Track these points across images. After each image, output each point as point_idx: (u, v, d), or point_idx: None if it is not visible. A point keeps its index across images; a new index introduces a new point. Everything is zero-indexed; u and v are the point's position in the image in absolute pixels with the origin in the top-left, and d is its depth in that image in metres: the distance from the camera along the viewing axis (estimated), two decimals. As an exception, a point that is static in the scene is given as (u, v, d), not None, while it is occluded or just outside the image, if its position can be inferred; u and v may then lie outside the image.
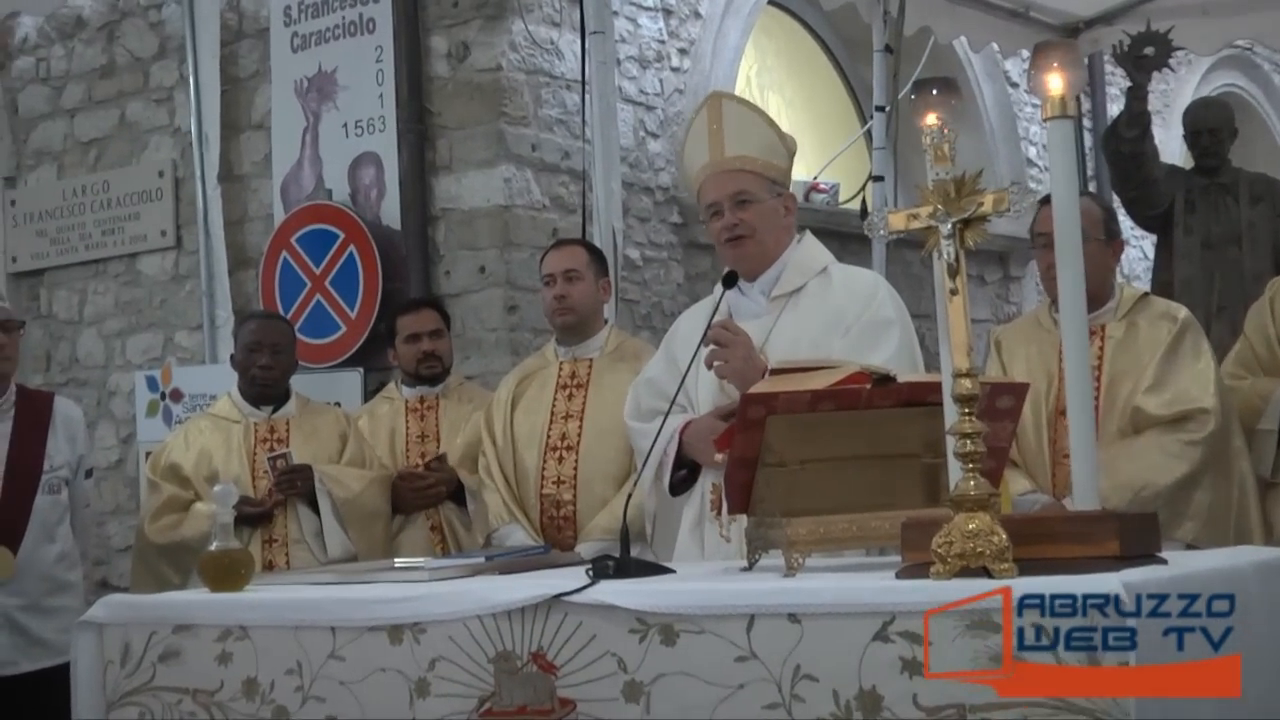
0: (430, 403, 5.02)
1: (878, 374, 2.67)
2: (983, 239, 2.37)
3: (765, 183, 3.46)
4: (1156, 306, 3.97)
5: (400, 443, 4.99)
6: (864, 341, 3.32)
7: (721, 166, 3.45)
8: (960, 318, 2.33)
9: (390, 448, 5.01)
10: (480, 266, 5.96)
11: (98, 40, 7.15)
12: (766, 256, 3.49)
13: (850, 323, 3.39)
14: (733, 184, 3.44)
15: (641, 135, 6.54)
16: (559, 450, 4.48)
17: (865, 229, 2.56)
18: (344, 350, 6.10)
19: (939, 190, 2.37)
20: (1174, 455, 3.74)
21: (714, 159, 3.46)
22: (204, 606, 2.88)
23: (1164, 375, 3.81)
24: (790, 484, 2.62)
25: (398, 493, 4.85)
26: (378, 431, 5.05)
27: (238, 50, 6.70)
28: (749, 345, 3.34)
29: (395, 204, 6.06)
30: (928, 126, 2.36)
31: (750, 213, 3.44)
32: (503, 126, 5.94)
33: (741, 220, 3.44)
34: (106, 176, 7.06)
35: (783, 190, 3.51)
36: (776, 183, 3.49)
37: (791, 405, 2.61)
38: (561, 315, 4.57)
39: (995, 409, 2.62)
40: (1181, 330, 3.87)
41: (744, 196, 3.44)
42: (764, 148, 3.46)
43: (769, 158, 3.46)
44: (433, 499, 4.87)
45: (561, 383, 4.58)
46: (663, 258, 6.58)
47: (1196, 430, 3.76)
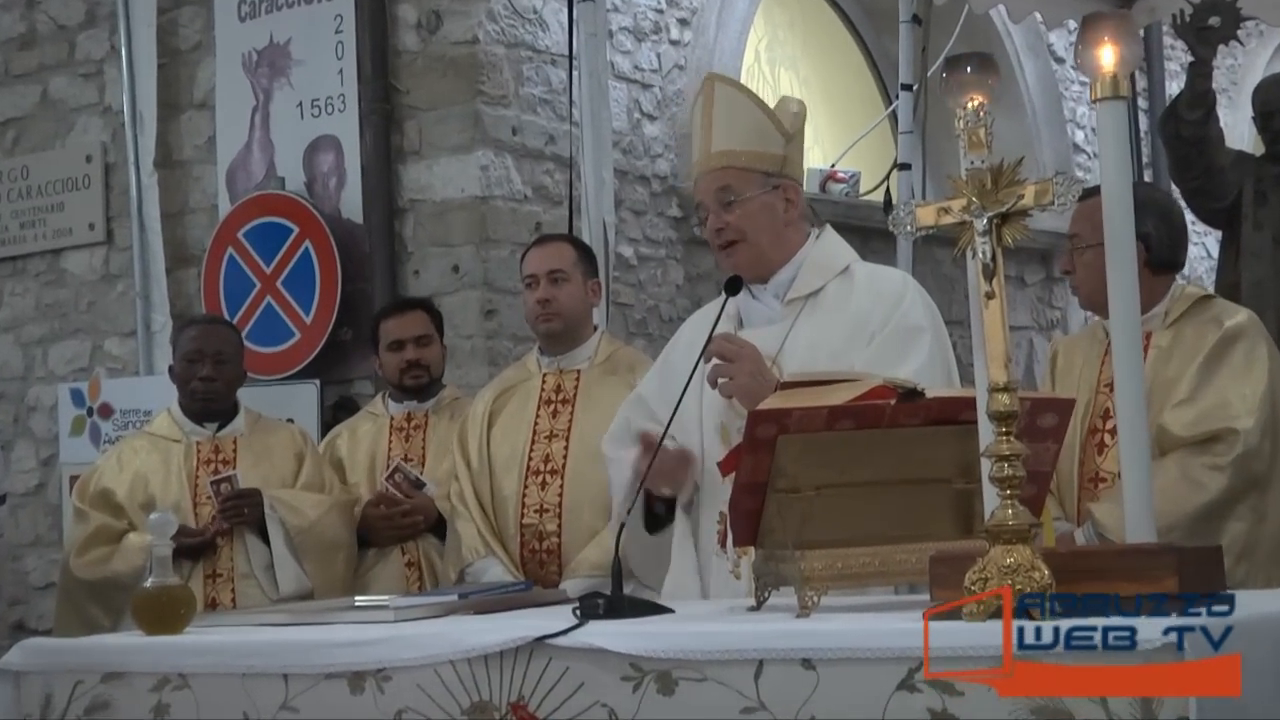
0: (418, 420, 5.04)
1: (904, 388, 2.67)
2: (1023, 236, 2.37)
3: (754, 176, 3.45)
4: (1212, 310, 3.97)
5: (381, 466, 5.01)
6: (890, 351, 3.32)
7: (707, 164, 3.46)
8: (997, 324, 2.34)
9: (370, 472, 5.03)
10: (453, 265, 5.97)
11: (15, 5, 7.16)
12: (767, 258, 3.49)
13: (875, 329, 3.38)
14: (716, 183, 3.44)
15: (636, 117, 6.55)
16: (542, 474, 4.49)
17: (890, 224, 2.56)
18: (298, 360, 6.10)
19: (974, 180, 2.36)
20: (1195, 481, 3.73)
21: (701, 155, 3.48)
22: (138, 651, 2.88)
23: (1198, 389, 3.82)
24: (804, 512, 2.62)
25: (369, 523, 4.87)
26: (357, 453, 5.08)
27: (177, 19, 6.71)
28: (756, 358, 3.33)
29: (357, 194, 6.07)
30: (961, 108, 2.36)
31: (736, 214, 3.43)
32: (479, 107, 5.95)
33: (727, 224, 3.44)
34: (26, 161, 7.07)
35: (780, 180, 3.48)
36: (770, 174, 3.46)
37: (806, 423, 2.60)
38: (545, 321, 4.57)
39: (1037, 428, 2.61)
40: (1230, 338, 3.86)
41: (728, 196, 3.43)
42: (751, 136, 3.45)
43: (757, 146, 3.45)
44: (408, 531, 4.88)
45: (545, 397, 4.59)
46: (660, 256, 6.59)
47: (1224, 453, 3.75)
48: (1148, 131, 8.85)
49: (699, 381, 3.37)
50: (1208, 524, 3.72)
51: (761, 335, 3.42)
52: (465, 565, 4.52)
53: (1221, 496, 3.73)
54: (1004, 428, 2.30)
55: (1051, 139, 8.53)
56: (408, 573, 4.87)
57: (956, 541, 2.58)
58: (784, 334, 3.44)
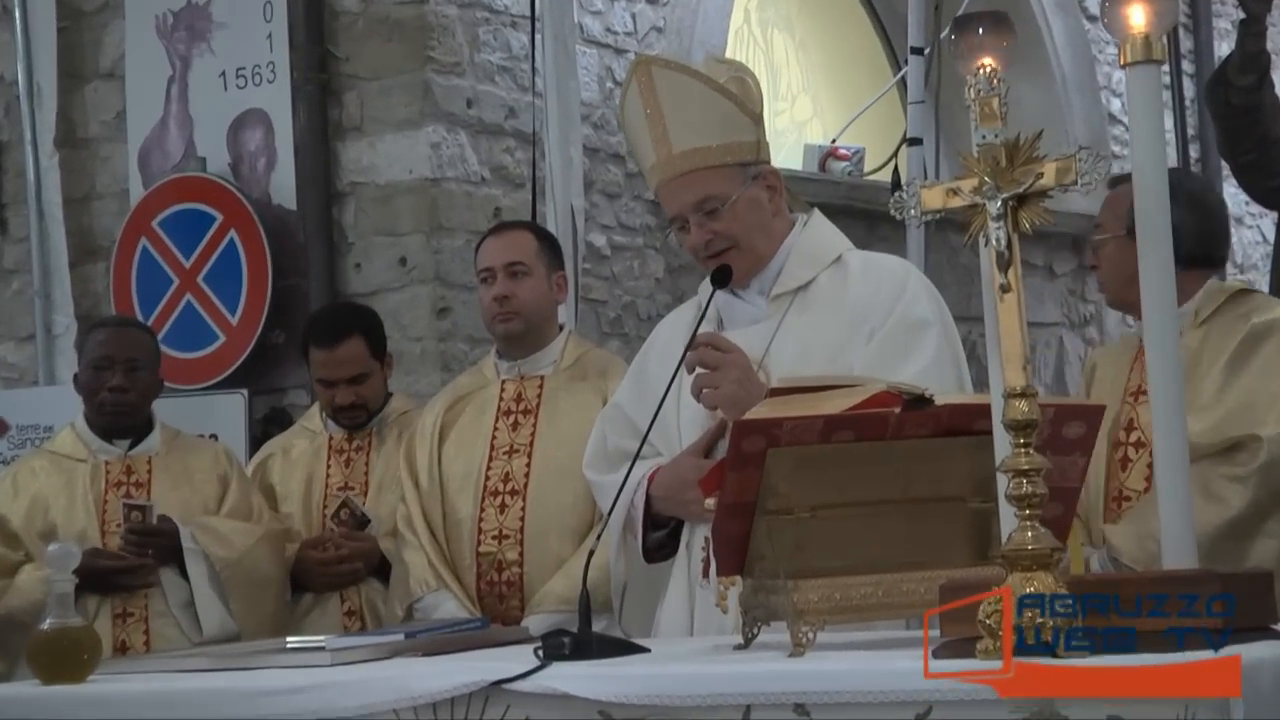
0: (361, 442, 5.04)
1: (910, 394, 2.67)
2: (1042, 220, 2.37)
3: (732, 173, 3.46)
4: (1246, 305, 3.96)
5: (318, 494, 5.00)
6: (893, 349, 3.34)
7: (672, 170, 3.45)
8: (1014, 321, 2.34)
9: (305, 500, 5.01)
10: (400, 258, 5.97)
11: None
12: (761, 256, 3.51)
13: (875, 325, 3.40)
14: (692, 191, 3.44)
15: (609, 87, 6.54)
16: (501, 495, 4.50)
17: (892, 207, 2.57)
18: (223, 367, 6.11)
19: (986, 157, 2.36)
20: (1214, 496, 3.70)
21: (660, 157, 3.46)
22: (33, 703, 2.87)
23: (1221, 391, 3.82)
24: (797, 537, 2.62)
25: (304, 567, 4.86)
26: (291, 478, 5.07)
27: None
28: (744, 364, 3.35)
29: (290, 177, 6.07)
30: (972, 75, 2.36)
31: (724, 220, 3.45)
32: (429, 76, 5.96)
33: (716, 233, 3.45)
34: (-96, 141, 7.04)
35: (759, 169, 3.50)
36: (747, 164, 3.48)
37: (799, 435, 2.61)
38: (503, 321, 4.58)
39: (1062, 439, 2.61)
40: (1258, 334, 3.84)
41: (710, 204, 3.44)
42: (719, 127, 3.45)
43: (729, 138, 3.45)
44: (348, 578, 4.88)
45: (504, 408, 4.60)
46: (637, 245, 6.59)
47: (1246, 462, 3.73)
48: (1194, 100, 8.88)
49: (678, 390, 3.39)
50: (1231, 543, 3.71)
51: (745, 336, 3.43)
52: (414, 600, 4.51)
53: (1245, 512, 3.72)
54: (1022, 439, 2.30)
55: (1084, 108, 8.55)
56: (347, 622, 4.86)
57: (970, 569, 2.58)
58: (770, 334, 3.46)
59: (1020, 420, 2.31)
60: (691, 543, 3.44)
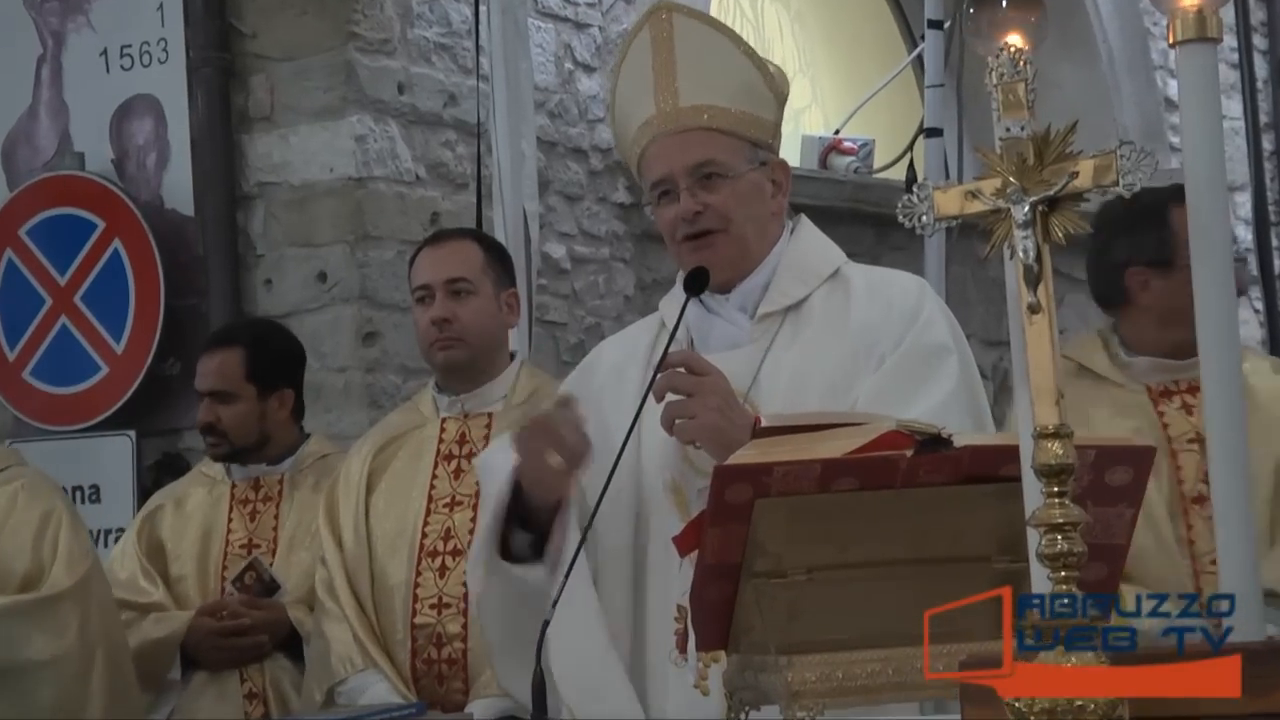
0: (269, 490, 5.09)
1: (924, 434, 2.67)
2: (1079, 228, 2.34)
3: (743, 146, 3.51)
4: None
5: (217, 552, 5.03)
6: (905, 379, 3.35)
7: (674, 123, 3.48)
8: (1045, 347, 2.32)
9: (201, 560, 5.05)
10: (319, 272, 5.98)
11: None
12: (746, 257, 3.54)
13: (886, 351, 3.41)
14: (693, 150, 3.48)
15: (568, 68, 6.56)
16: (441, 556, 4.53)
17: (899, 212, 2.58)
18: (106, 403, 6.12)
19: (1011, 154, 2.37)
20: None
21: (662, 109, 3.49)
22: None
23: None
24: (792, 604, 2.63)
25: (197, 638, 4.86)
26: (184, 533, 5.11)
27: (-74, -64, 6.69)
28: (724, 389, 3.33)
29: (185, 176, 6.08)
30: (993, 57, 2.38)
31: (721, 194, 3.48)
32: (353, 55, 5.97)
33: (708, 206, 3.47)
34: None
35: (769, 156, 3.55)
36: (759, 145, 3.53)
37: (792, 482, 2.61)
38: (443, 348, 4.62)
39: (1104, 487, 2.63)
40: None
41: (710, 169, 3.48)
42: (740, 92, 3.49)
43: (749, 107, 3.50)
44: (250, 652, 4.88)
45: (444, 451, 4.64)
46: (603, 256, 6.60)
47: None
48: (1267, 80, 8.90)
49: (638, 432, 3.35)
50: None
51: (725, 361, 3.42)
52: (335, 682, 4.53)
53: None
54: (1057, 486, 2.28)
55: (1135, 93, 8.57)
56: (248, 707, 4.86)
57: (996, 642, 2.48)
58: (757, 360, 3.47)
59: (1054, 465, 2.28)
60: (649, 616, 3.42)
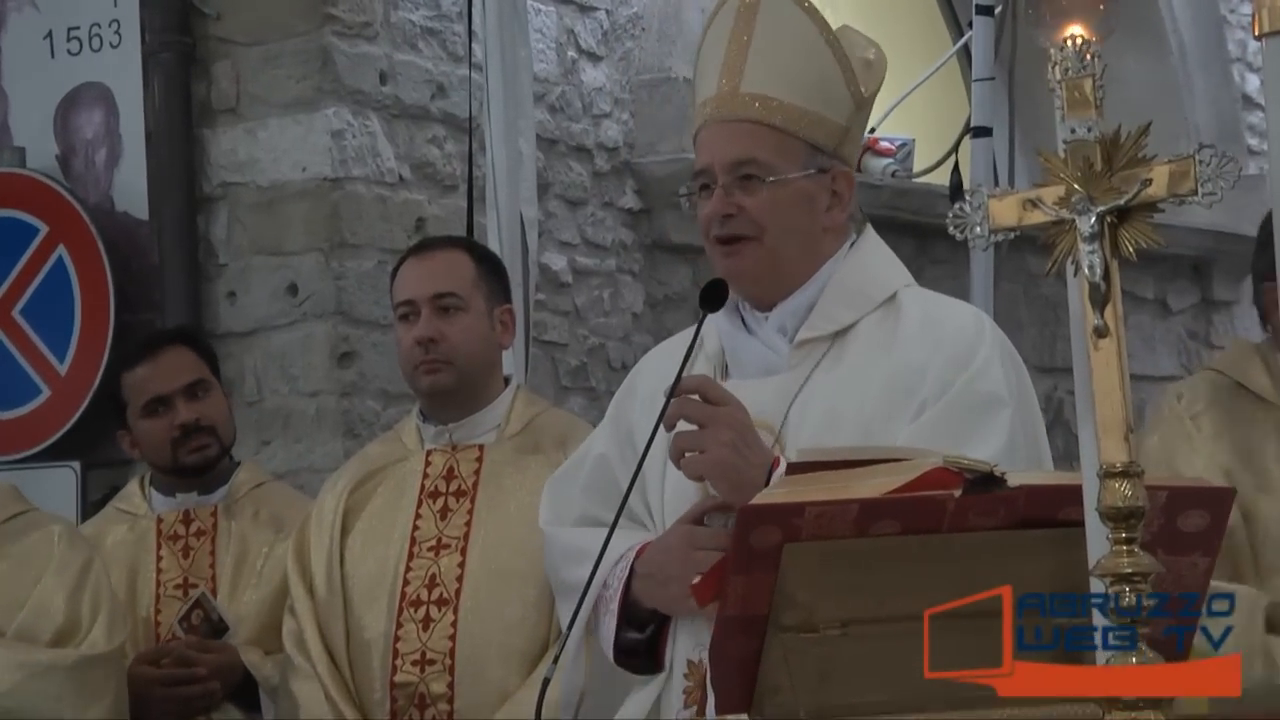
0: (202, 523, 5.08)
1: (974, 472, 2.72)
2: (1152, 242, 2.41)
3: (798, 148, 3.51)
4: None
5: (147, 595, 5.03)
6: (948, 431, 3.31)
7: (728, 109, 3.51)
8: (1113, 374, 2.34)
9: (129, 604, 4.97)
10: (289, 285, 5.98)
11: None
12: (786, 274, 3.54)
13: (929, 396, 3.41)
14: (737, 145, 3.49)
15: (571, 57, 6.63)
16: (425, 606, 4.53)
17: (950, 223, 2.59)
18: (48, 431, 6.23)
19: (1076, 158, 2.41)
20: None
21: (722, 91, 3.52)
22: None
23: None
24: (824, 661, 2.69)
25: (138, 689, 4.79)
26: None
27: None
28: (740, 422, 3.35)
29: (140, 175, 6.15)
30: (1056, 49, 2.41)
31: (758, 197, 3.48)
32: (329, 41, 5.98)
33: (742, 209, 3.48)
34: None
35: (831, 164, 3.54)
36: (820, 149, 3.53)
37: (826, 525, 2.67)
38: (430, 371, 4.62)
39: (1177, 532, 2.68)
40: None
41: (750, 169, 3.48)
42: (811, 86, 3.51)
43: (816, 106, 3.50)
44: (199, 702, 4.88)
45: (430, 488, 4.65)
46: (608, 269, 6.63)
47: None
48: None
49: (659, 451, 3.40)
50: None
51: (756, 390, 3.46)
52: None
53: None
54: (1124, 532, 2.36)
55: (1209, 89, 8.69)
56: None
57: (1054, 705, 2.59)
58: (793, 391, 3.47)
59: (1121, 508, 2.36)
60: (674, 660, 3.46)
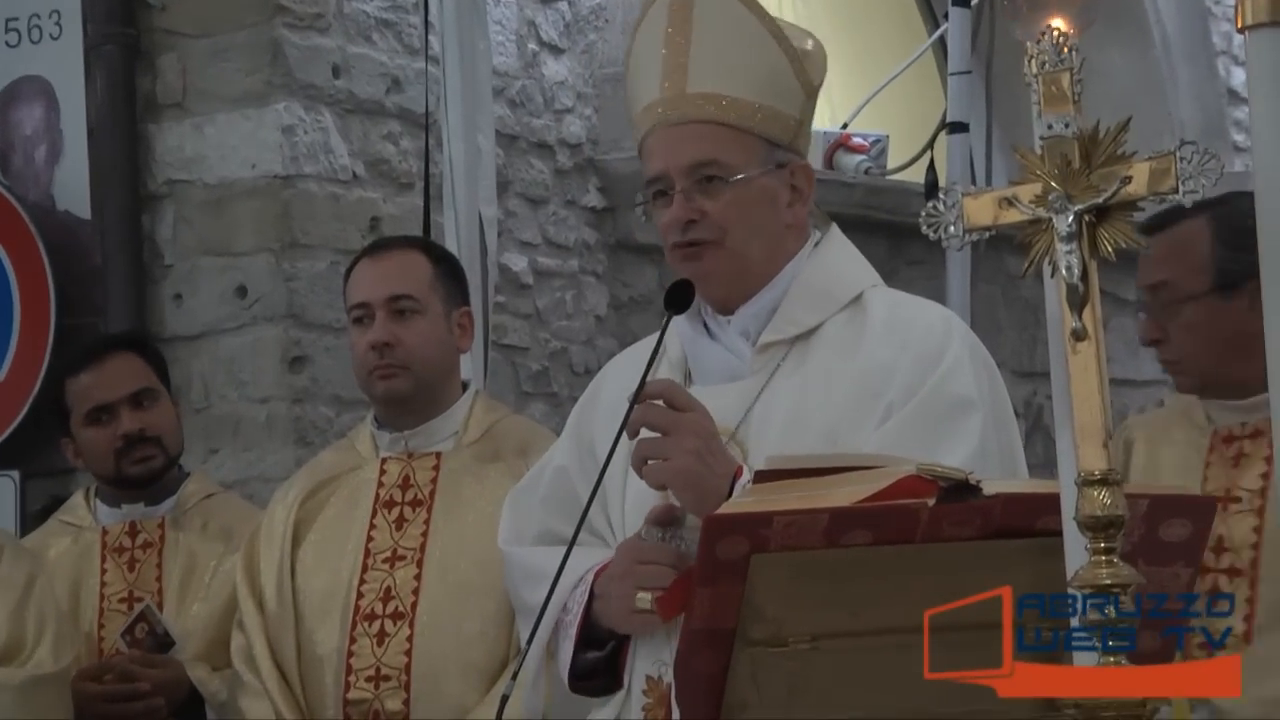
0: (149, 535, 5.08)
1: (948, 480, 2.73)
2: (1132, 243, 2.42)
3: (756, 145, 3.52)
4: None
5: (91, 609, 5.03)
6: (910, 442, 3.25)
7: (677, 111, 3.50)
8: (1092, 379, 2.34)
9: (71, 616, 4.96)
10: (238, 286, 6.00)
11: None
12: (750, 275, 3.53)
13: (895, 399, 3.38)
14: (693, 146, 3.49)
15: (532, 50, 6.63)
16: (379, 620, 4.53)
17: (924, 222, 2.59)
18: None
19: (1053, 155, 2.43)
20: None
21: (667, 94, 3.51)
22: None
23: None
24: (793, 677, 2.70)
25: (81, 705, 4.81)
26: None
27: None
28: (704, 429, 3.35)
29: (81, 172, 6.17)
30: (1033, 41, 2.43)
31: (721, 200, 3.48)
32: (280, 33, 5.98)
33: (704, 214, 3.48)
34: None
35: (788, 158, 3.55)
36: (777, 144, 3.54)
37: (796, 536, 2.67)
38: (385, 376, 4.62)
39: (1159, 543, 2.70)
40: None
41: (711, 170, 3.49)
42: (761, 83, 3.51)
43: (769, 100, 3.52)
44: (142, 718, 4.87)
45: (385, 497, 4.66)
46: (570, 270, 6.64)
47: None
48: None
49: (621, 461, 3.42)
50: None
51: (718, 396, 3.46)
52: (255, 768, 4.56)
53: None
54: (1104, 542, 2.36)
55: (1195, 83, 8.73)
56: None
57: None
58: (752, 396, 3.48)
59: (1100, 516, 2.36)
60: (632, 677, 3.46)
